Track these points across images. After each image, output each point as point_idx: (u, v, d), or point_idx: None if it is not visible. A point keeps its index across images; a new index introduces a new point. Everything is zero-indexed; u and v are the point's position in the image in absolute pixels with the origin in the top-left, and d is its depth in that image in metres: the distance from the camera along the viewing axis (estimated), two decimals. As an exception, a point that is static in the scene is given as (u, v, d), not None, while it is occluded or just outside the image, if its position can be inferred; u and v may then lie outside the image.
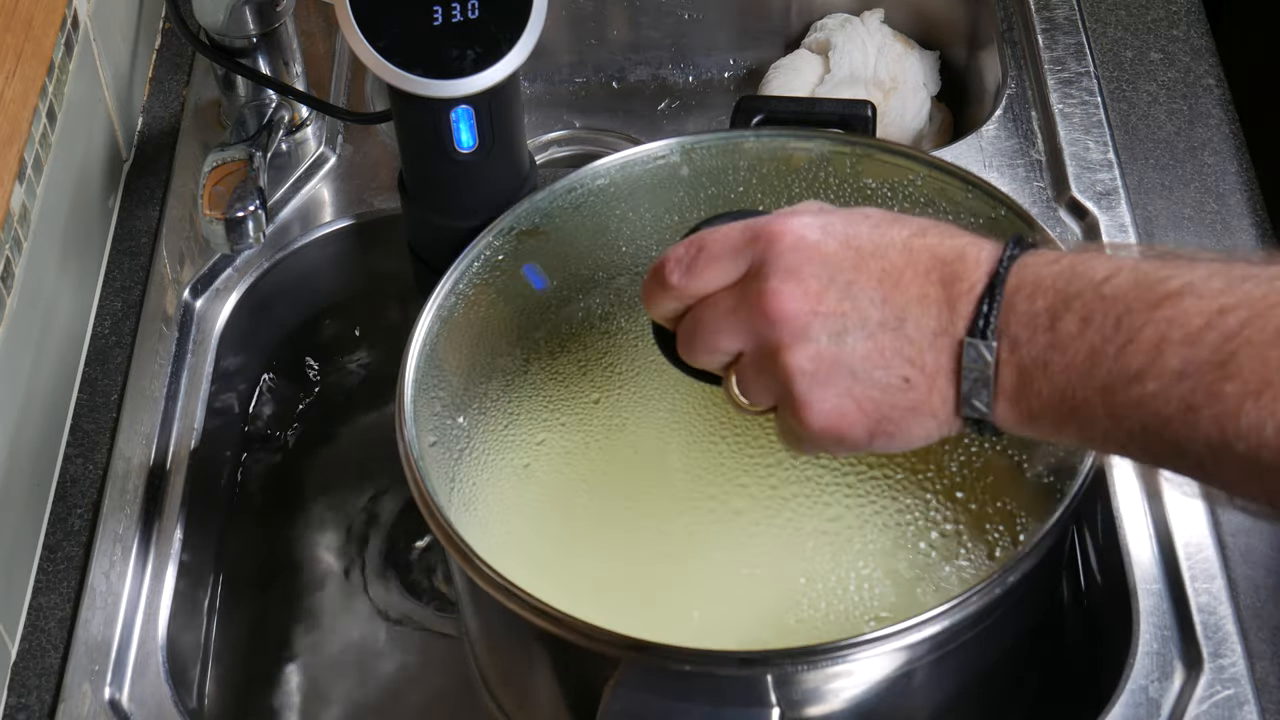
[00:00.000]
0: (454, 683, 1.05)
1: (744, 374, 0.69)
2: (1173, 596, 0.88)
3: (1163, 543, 0.90)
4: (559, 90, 1.34)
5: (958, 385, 0.65)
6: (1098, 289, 0.62)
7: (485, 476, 0.85)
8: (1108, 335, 0.61)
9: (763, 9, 1.32)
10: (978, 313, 0.64)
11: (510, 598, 0.76)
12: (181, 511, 0.98)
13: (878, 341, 0.65)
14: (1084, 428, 0.63)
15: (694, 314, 0.70)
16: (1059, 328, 0.63)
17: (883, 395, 0.66)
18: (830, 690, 0.77)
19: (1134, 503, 0.92)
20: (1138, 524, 0.91)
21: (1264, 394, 0.58)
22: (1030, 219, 0.85)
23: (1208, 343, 0.59)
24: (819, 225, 0.67)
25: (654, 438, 0.86)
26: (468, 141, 0.90)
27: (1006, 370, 0.64)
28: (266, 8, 1.07)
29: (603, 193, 0.93)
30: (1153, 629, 0.87)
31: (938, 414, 0.66)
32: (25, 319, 0.95)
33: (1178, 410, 0.60)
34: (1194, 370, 0.59)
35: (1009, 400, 0.65)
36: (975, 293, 0.64)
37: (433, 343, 0.86)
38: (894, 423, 0.67)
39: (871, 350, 0.66)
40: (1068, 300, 0.63)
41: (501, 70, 0.87)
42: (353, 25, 0.85)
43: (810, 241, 0.67)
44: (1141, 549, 0.90)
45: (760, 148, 0.93)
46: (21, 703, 0.89)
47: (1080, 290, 0.63)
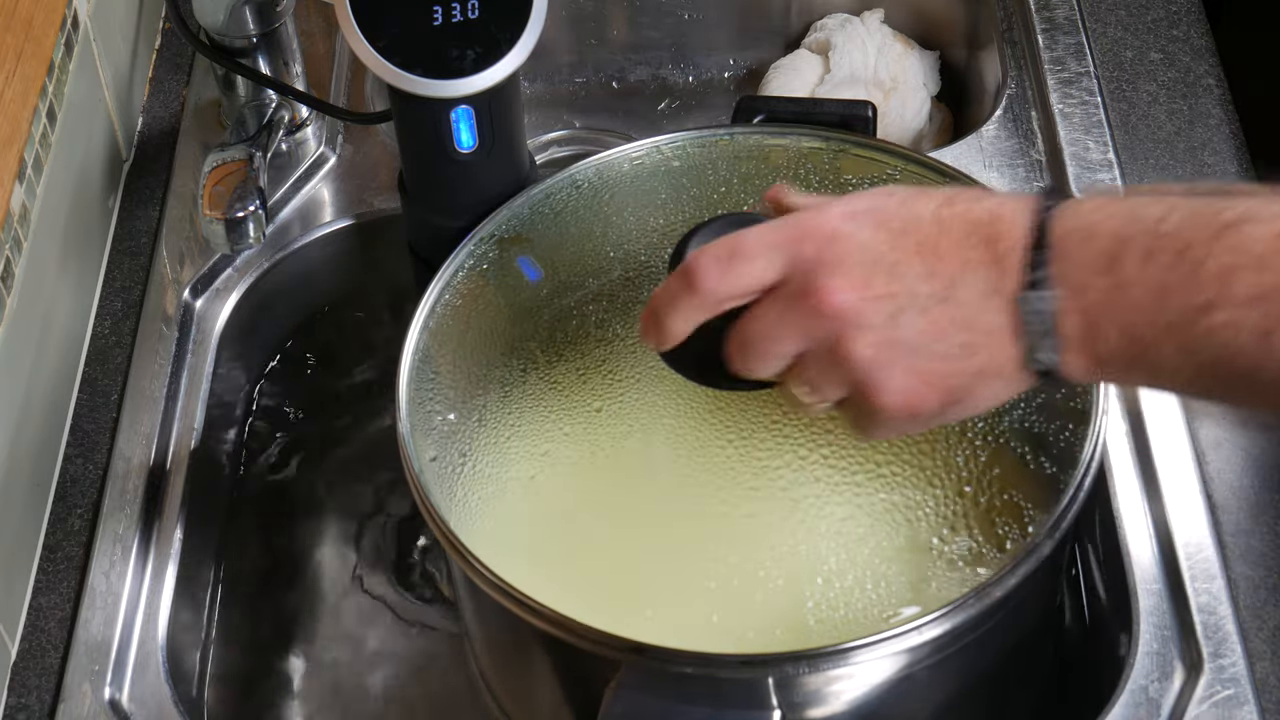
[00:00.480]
0: (454, 683, 1.05)
1: (807, 373, 0.69)
2: (1173, 596, 0.88)
3: (1163, 543, 0.90)
4: (559, 90, 1.34)
5: (1020, 341, 0.65)
6: (1154, 228, 0.62)
7: (490, 490, 0.85)
8: (1172, 270, 0.61)
9: (763, 9, 1.32)
10: (1028, 265, 0.64)
11: (513, 601, 0.76)
12: (181, 511, 0.98)
13: (931, 315, 0.66)
14: (1153, 367, 0.63)
15: (742, 327, 0.70)
16: (1119, 270, 0.62)
17: (946, 365, 0.66)
18: (831, 692, 0.77)
19: (1134, 503, 0.92)
20: (1138, 524, 0.91)
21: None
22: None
23: (1277, 266, 0.59)
24: (849, 214, 0.68)
25: (660, 444, 0.86)
26: (468, 141, 0.90)
27: (1070, 318, 0.64)
28: (266, 8, 1.07)
29: (582, 196, 0.92)
30: (1153, 629, 0.87)
31: (1004, 372, 0.66)
32: (25, 319, 0.95)
33: (1251, 337, 0.60)
34: (1267, 294, 0.59)
35: (1076, 348, 0.64)
36: (1021, 247, 0.64)
37: (424, 356, 0.86)
38: (963, 390, 0.67)
39: (927, 324, 0.66)
40: (1124, 241, 0.62)
41: (501, 70, 0.87)
42: (353, 25, 0.85)
43: (846, 232, 0.67)
44: (1141, 549, 0.90)
45: (739, 146, 0.92)
46: (21, 703, 0.89)
47: (1136, 232, 0.62)
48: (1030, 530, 0.80)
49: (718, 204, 0.92)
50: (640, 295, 0.91)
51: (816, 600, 0.79)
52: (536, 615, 0.75)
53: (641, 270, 0.92)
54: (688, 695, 0.75)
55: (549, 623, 0.75)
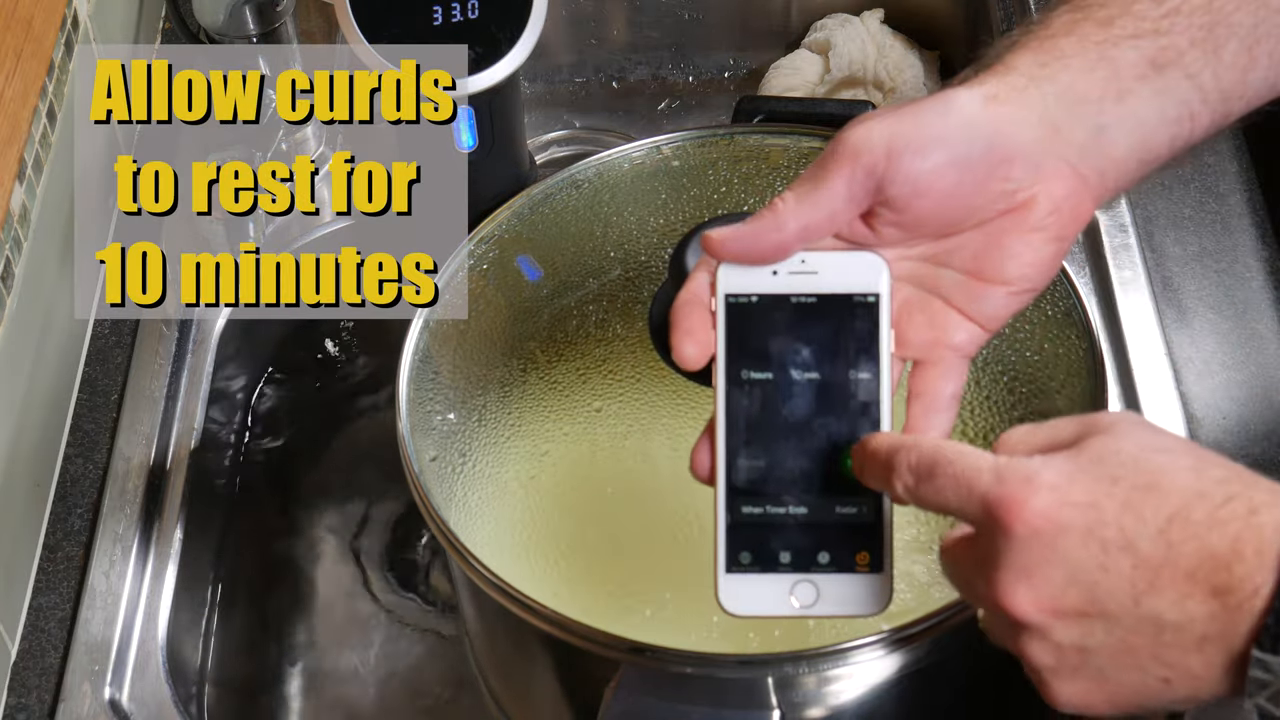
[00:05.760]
0: (454, 683, 1.05)
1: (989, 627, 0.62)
2: (1173, 597, 0.88)
3: (1163, 543, 0.90)
4: (559, 90, 1.34)
5: (1237, 687, 0.56)
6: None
7: (490, 490, 0.85)
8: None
9: (763, 9, 1.32)
10: (1265, 622, 0.54)
11: (513, 601, 0.76)
12: (181, 511, 0.98)
13: (1129, 643, 0.57)
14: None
15: (941, 558, 0.63)
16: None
17: (1136, 690, 0.58)
18: (831, 692, 0.77)
19: (1134, 503, 0.92)
20: (1138, 524, 0.91)
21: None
22: None
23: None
24: (1057, 504, 0.57)
25: (660, 444, 0.86)
26: (468, 141, 0.90)
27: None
28: (266, 8, 1.07)
29: (582, 196, 0.92)
30: (1153, 629, 0.87)
31: (1202, 695, 0.58)
32: (25, 319, 0.95)
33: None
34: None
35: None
36: (1260, 599, 0.54)
37: (424, 356, 0.86)
38: (1148, 706, 0.59)
39: (1122, 651, 0.57)
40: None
41: (501, 70, 0.87)
42: (353, 25, 0.85)
43: (1047, 533, 0.57)
44: (1141, 549, 0.90)
45: (739, 146, 0.92)
46: (21, 703, 0.89)
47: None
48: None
49: (718, 204, 0.92)
50: (640, 295, 0.91)
51: (816, 600, 0.79)
52: (536, 615, 0.75)
53: (641, 270, 0.92)
54: (687, 695, 0.75)
55: (549, 623, 0.75)
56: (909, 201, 0.64)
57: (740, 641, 0.78)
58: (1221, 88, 0.66)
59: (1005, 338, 0.86)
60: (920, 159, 0.63)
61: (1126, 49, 0.65)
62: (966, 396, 0.86)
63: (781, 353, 0.64)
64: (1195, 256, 1.04)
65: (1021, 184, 0.64)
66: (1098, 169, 0.65)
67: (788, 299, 0.64)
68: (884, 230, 0.65)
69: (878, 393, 0.64)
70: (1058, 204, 0.64)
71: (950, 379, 0.66)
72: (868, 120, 0.65)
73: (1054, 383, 0.84)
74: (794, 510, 0.64)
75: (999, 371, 0.86)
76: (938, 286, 0.66)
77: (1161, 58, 0.65)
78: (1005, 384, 0.86)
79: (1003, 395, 0.86)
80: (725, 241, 0.64)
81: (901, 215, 0.64)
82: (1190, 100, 0.66)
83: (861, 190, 0.64)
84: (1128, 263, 1.03)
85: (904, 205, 0.64)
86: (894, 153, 0.63)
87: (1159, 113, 0.65)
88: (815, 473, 0.64)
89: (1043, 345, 0.85)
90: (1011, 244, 0.65)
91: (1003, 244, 0.65)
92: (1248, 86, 0.67)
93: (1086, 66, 0.65)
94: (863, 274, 0.65)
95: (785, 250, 0.64)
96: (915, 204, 0.64)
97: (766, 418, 0.64)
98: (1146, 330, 0.99)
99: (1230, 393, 0.97)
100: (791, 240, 0.64)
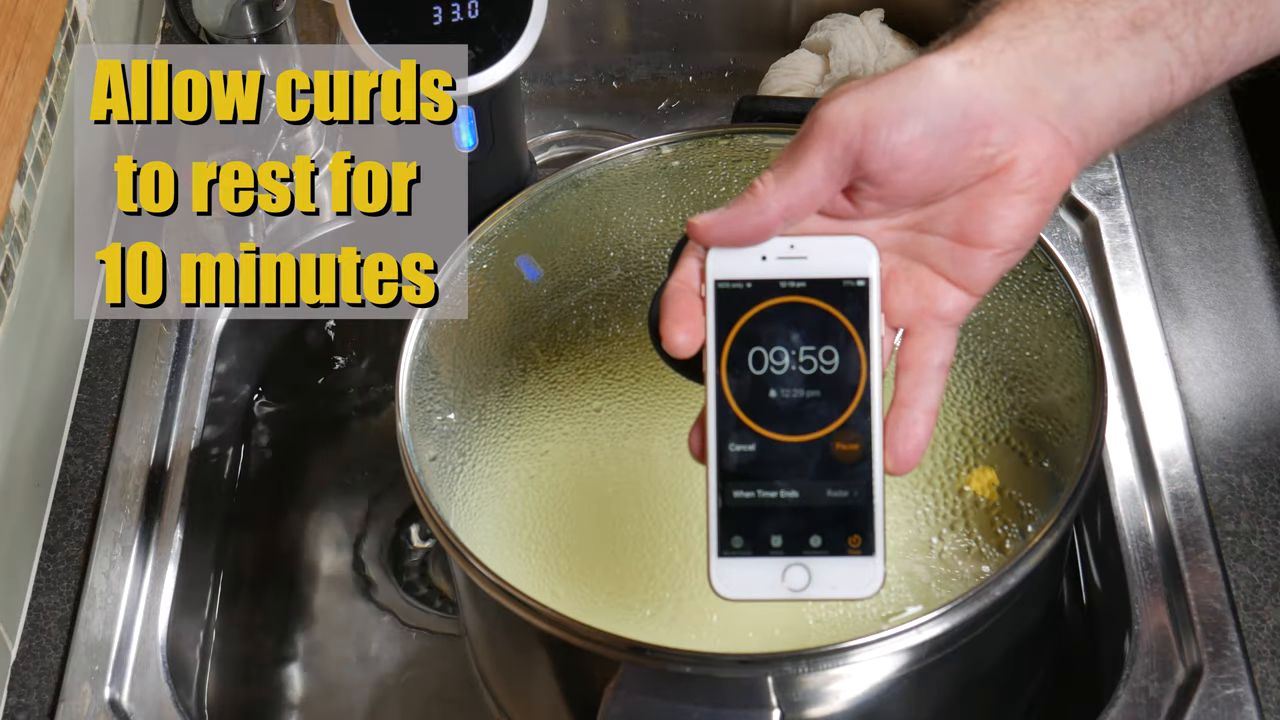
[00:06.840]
0: (454, 683, 1.05)
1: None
2: (1173, 597, 0.88)
3: (1163, 542, 0.90)
4: (559, 90, 1.34)
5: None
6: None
7: (490, 489, 0.85)
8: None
9: (763, 9, 1.32)
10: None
11: (513, 601, 0.76)
12: (181, 511, 0.98)
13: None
14: None
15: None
16: None
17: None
18: (831, 692, 0.77)
19: (1134, 502, 0.92)
20: (1138, 523, 0.91)
21: None
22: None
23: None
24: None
25: (659, 444, 0.86)
26: (468, 141, 0.90)
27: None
28: (266, 8, 1.07)
29: (582, 196, 0.92)
30: (1153, 629, 0.87)
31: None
32: (25, 319, 0.95)
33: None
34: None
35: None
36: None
37: (424, 356, 0.86)
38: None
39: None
40: None
41: (501, 70, 0.87)
42: (353, 25, 0.85)
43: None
44: (1141, 549, 0.90)
45: (739, 146, 0.92)
46: (21, 703, 0.89)
47: None
48: (1030, 529, 0.80)
49: (718, 204, 0.91)
50: (640, 295, 0.91)
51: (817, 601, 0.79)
52: (536, 615, 0.75)
53: (641, 270, 0.92)
54: (687, 695, 0.75)
55: (549, 623, 0.75)
56: (889, 175, 0.64)
57: (740, 641, 0.78)
58: (1202, 50, 0.66)
59: (1005, 338, 0.86)
60: (896, 132, 0.63)
61: (1107, 9, 0.65)
62: (966, 396, 0.86)
63: (772, 337, 0.64)
64: (1195, 256, 1.04)
65: (1001, 147, 0.64)
66: (1079, 129, 0.65)
67: (777, 284, 0.65)
68: (866, 204, 0.65)
69: (868, 376, 0.64)
70: (1039, 165, 0.64)
71: (938, 349, 0.66)
72: (842, 95, 0.65)
73: (1054, 383, 0.84)
74: (785, 494, 0.64)
75: (999, 371, 0.86)
76: (923, 254, 0.66)
77: (1141, 19, 0.65)
78: (1005, 384, 0.86)
79: (1003, 395, 0.86)
80: (709, 226, 0.65)
81: (882, 188, 0.64)
82: (1170, 62, 0.66)
83: (840, 167, 0.64)
84: (1128, 263, 1.03)
85: (884, 179, 0.64)
86: (870, 127, 0.63)
87: (1138, 74, 0.66)
88: (806, 456, 0.64)
89: (1043, 345, 0.85)
90: (994, 207, 0.65)
91: (985, 207, 0.65)
92: (1228, 50, 0.67)
93: (1065, 27, 0.65)
94: (852, 258, 0.65)
95: (768, 231, 0.65)
96: (895, 176, 0.64)
97: (757, 402, 0.64)
98: (1146, 330, 0.99)
99: (1230, 393, 0.97)
100: (774, 221, 0.64)
